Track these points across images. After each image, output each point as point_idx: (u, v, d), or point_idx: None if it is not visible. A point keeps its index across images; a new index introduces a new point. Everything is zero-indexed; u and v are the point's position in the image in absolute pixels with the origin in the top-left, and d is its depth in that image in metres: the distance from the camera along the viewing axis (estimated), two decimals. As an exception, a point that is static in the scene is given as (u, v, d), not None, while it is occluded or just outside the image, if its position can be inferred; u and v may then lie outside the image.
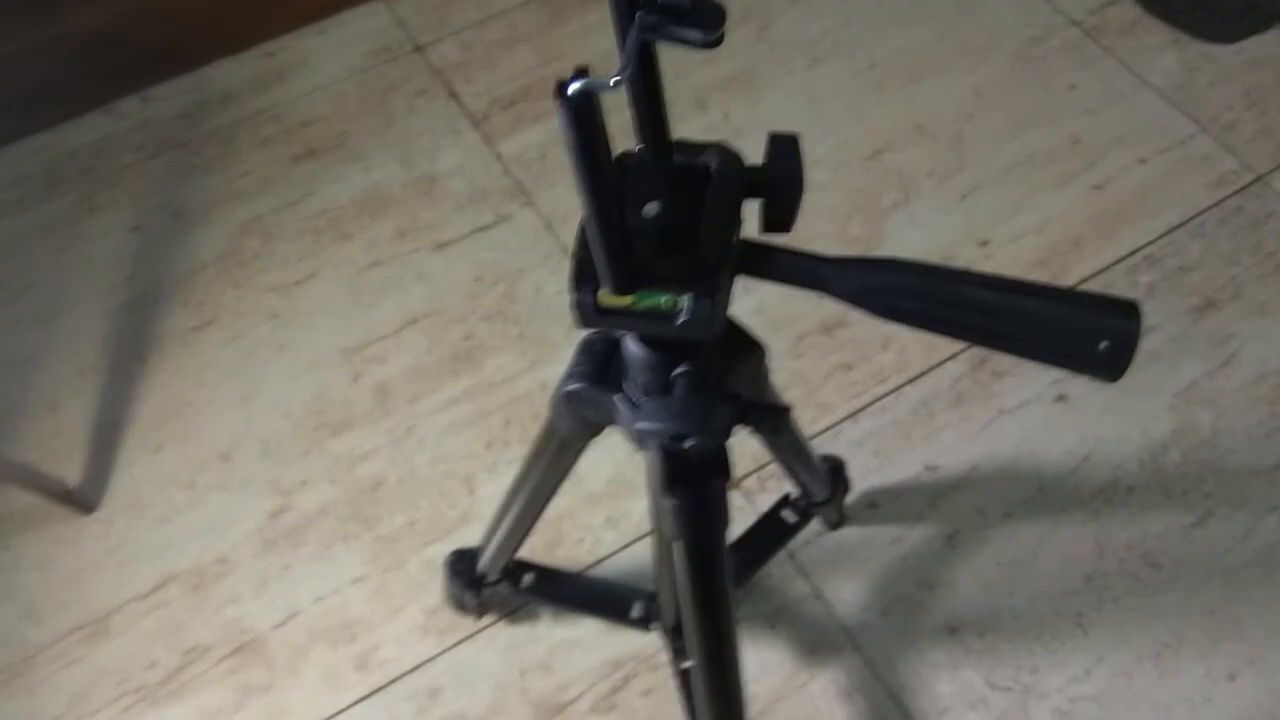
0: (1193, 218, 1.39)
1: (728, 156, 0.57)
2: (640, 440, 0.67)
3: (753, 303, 1.30)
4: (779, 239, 0.60)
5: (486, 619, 1.13)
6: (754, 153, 0.58)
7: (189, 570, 1.19)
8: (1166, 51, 1.54)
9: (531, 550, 1.17)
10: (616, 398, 0.66)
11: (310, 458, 1.25)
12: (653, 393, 0.63)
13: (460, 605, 1.11)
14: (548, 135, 1.48)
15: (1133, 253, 1.36)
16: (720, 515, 0.69)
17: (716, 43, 0.47)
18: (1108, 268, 1.35)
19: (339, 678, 1.11)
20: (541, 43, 1.59)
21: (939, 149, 1.46)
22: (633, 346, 0.63)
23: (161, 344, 1.35)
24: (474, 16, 1.62)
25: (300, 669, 1.12)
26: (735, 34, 1.59)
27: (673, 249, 0.55)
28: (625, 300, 0.55)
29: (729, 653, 0.78)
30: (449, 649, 1.12)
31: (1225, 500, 1.19)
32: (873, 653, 1.11)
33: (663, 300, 0.55)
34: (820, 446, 1.23)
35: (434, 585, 1.15)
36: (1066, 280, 1.34)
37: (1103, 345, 0.56)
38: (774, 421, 0.67)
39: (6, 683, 1.12)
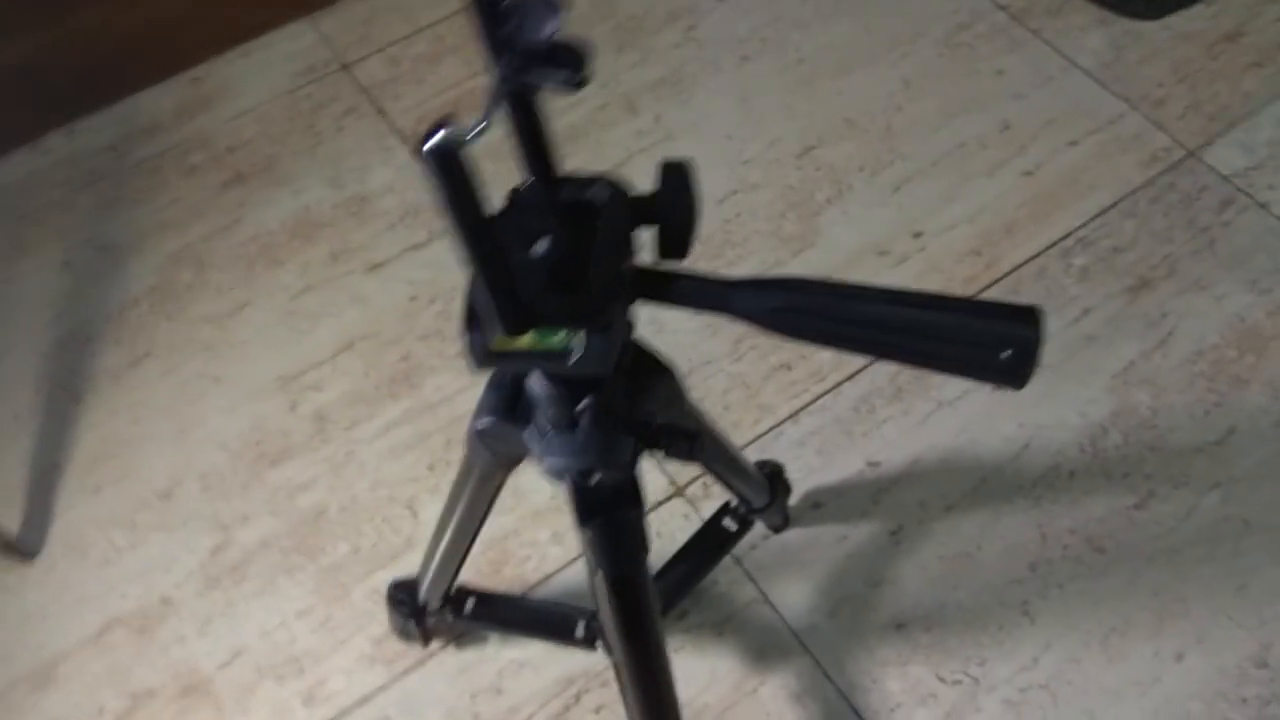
0: (1125, 197, 1.39)
1: (615, 189, 0.57)
2: (550, 474, 0.66)
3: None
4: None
5: (434, 645, 1.13)
6: (683, 156, 0.58)
7: (133, 612, 1.17)
8: (1093, 31, 1.54)
9: (478, 570, 1.17)
10: (526, 432, 0.66)
11: (250, 490, 1.24)
12: (560, 427, 0.63)
13: (405, 635, 1.10)
14: (479, 148, 1.46)
15: (1066, 236, 1.36)
16: (637, 543, 0.69)
17: (581, 84, 0.46)
18: (1041, 253, 1.35)
19: (288, 713, 1.10)
20: (469, 54, 1.58)
21: (870, 142, 1.46)
22: (536, 382, 0.62)
23: (96, 382, 1.33)
24: (400, 31, 1.61)
25: (249, 707, 1.11)
26: (663, 35, 1.58)
27: (562, 286, 0.54)
28: (517, 341, 0.54)
29: (660, 676, 0.78)
30: (398, 678, 1.12)
31: (1167, 480, 1.19)
32: (822, 654, 1.11)
33: (555, 339, 0.54)
34: (763, 448, 1.23)
35: (380, 613, 1.14)
36: (1000, 268, 1.34)
37: (1004, 354, 0.56)
38: (685, 446, 0.66)
39: (-50, 739, 1.10)
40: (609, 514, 0.65)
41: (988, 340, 0.56)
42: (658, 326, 1.29)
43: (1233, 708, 1.06)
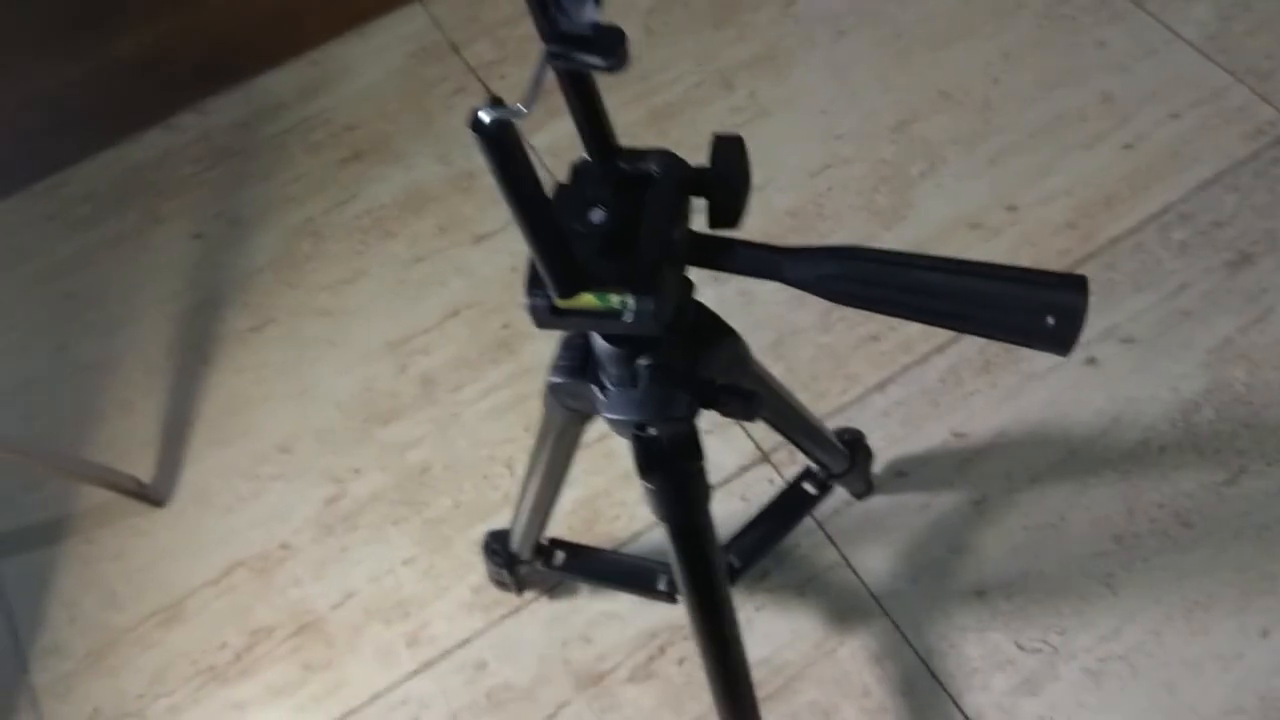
0: (1227, 171, 1.37)
1: (668, 160, 0.60)
2: (614, 429, 0.71)
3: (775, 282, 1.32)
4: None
5: (528, 595, 1.19)
6: (777, 131, 0.61)
7: (254, 556, 1.27)
8: (1200, 1, 1.51)
9: (570, 527, 1.23)
10: (594, 389, 0.70)
11: (362, 447, 1.32)
12: (622, 384, 0.68)
13: (500, 583, 1.17)
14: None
15: (1165, 210, 1.35)
16: (698, 494, 0.73)
17: (619, 66, 0.50)
18: (1139, 227, 1.34)
19: (393, 653, 1.18)
20: (573, 33, 1.63)
21: (966, 115, 1.46)
22: (600, 342, 0.67)
23: (223, 344, 1.43)
24: (506, 12, 1.67)
25: (357, 646, 1.19)
26: (760, 12, 1.60)
27: (614, 252, 0.58)
28: (574, 303, 0.59)
29: (725, 621, 0.82)
30: (494, 624, 1.18)
31: (1260, 456, 1.18)
32: (901, 618, 1.14)
33: (609, 301, 0.59)
34: (849, 417, 1.26)
35: (479, 564, 1.21)
36: (1096, 241, 1.34)
37: (1050, 320, 0.58)
38: (741, 405, 0.70)
39: (92, 665, 1.21)
40: (669, 467, 0.69)
41: (1034, 307, 0.58)
42: (748, 299, 1.33)
43: (1319, 685, 1.05)
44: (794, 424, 0.93)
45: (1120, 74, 1.47)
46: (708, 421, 1.24)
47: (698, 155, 0.61)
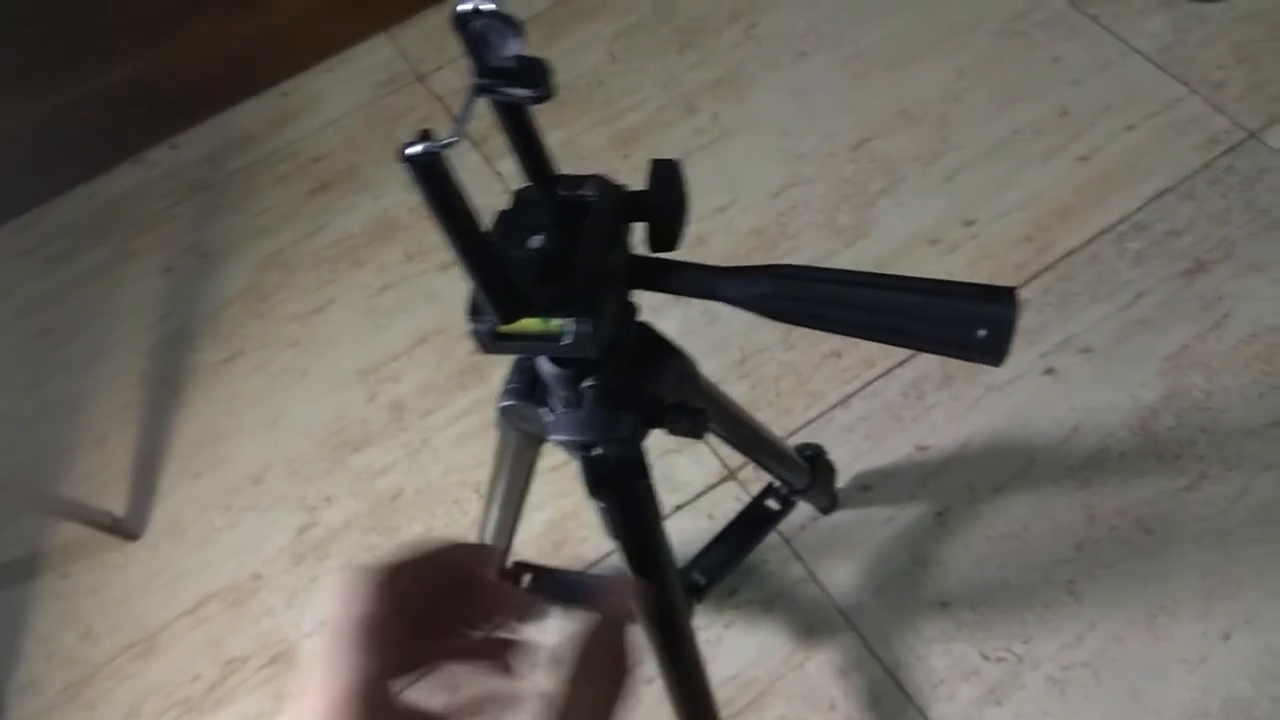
0: (1182, 181, 1.39)
1: (605, 187, 0.62)
2: (563, 450, 0.72)
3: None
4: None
5: (498, 618, 1.20)
6: (740, 152, 0.62)
7: (227, 587, 1.27)
8: (1154, 15, 1.54)
9: (539, 550, 1.24)
10: (542, 411, 0.72)
11: (333, 475, 1.33)
12: (569, 405, 0.69)
13: (469, 606, 1.18)
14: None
15: (1121, 221, 1.37)
16: (648, 511, 0.74)
17: (545, 98, 0.52)
18: (1094, 238, 1.36)
19: (365, 680, 1.19)
20: (538, 60, 1.65)
21: (924, 132, 1.48)
22: (545, 365, 0.68)
23: (195, 376, 1.44)
24: (471, 41, 1.69)
25: (330, 673, 1.20)
26: (722, 36, 1.63)
27: (553, 276, 0.60)
28: (516, 327, 0.60)
29: (682, 637, 0.83)
30: (464, 648, 1.19)
31: (1219, 461, 1.19)
32: (868, 630, 1.15)
33: (549, 325, 0.60)
34: (813, 433, 1.27)
35: (449, 589, 1.22)
36: (1053, 253, 1.35)
37: (980, 333, 0.60)
38: (688, 423, 0.72)
39: (69, 699, 1.22)
40: (616, 485, 0.70)
41: (965, 320, 0.60)
42: (711, 318, 1.35)
43: None
44: (750, 441, 0.95)
45: (1075, 88, 1.49)
46: (675, 441, 1.26)
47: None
